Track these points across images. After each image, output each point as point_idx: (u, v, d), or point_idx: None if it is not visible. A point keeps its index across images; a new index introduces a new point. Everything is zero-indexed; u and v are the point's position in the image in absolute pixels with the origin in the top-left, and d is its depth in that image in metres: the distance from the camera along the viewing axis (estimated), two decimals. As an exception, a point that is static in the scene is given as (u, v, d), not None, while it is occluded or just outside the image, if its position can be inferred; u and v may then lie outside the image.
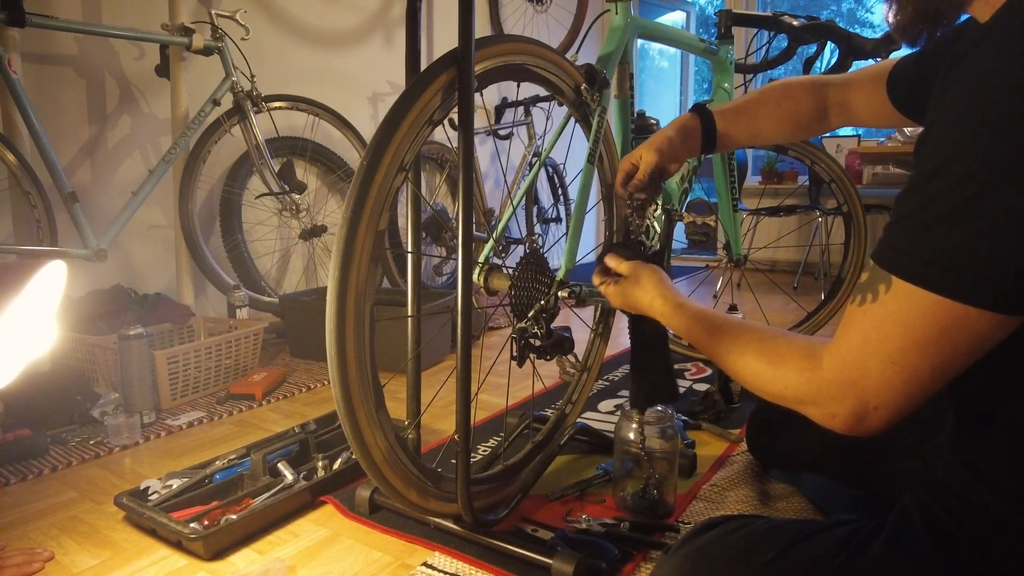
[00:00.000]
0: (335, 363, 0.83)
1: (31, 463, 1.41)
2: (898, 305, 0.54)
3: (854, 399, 0.57)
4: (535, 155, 3.30)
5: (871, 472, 1.01)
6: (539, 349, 1.04)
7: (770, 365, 0.66)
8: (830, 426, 0.60)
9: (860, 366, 0.56)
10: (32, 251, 1.79)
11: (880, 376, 0.55)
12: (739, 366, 0.71)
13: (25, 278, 0.87)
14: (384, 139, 0.84)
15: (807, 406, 0.62)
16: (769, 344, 0.68)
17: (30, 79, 1.93)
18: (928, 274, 0.52)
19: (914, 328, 0.53)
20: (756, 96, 1.03)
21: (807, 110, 1.00)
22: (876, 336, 0.55)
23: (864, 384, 0.56)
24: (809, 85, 1.00)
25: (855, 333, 0.57)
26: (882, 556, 0.64)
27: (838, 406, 0.58)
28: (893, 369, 0.54)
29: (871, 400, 0.56)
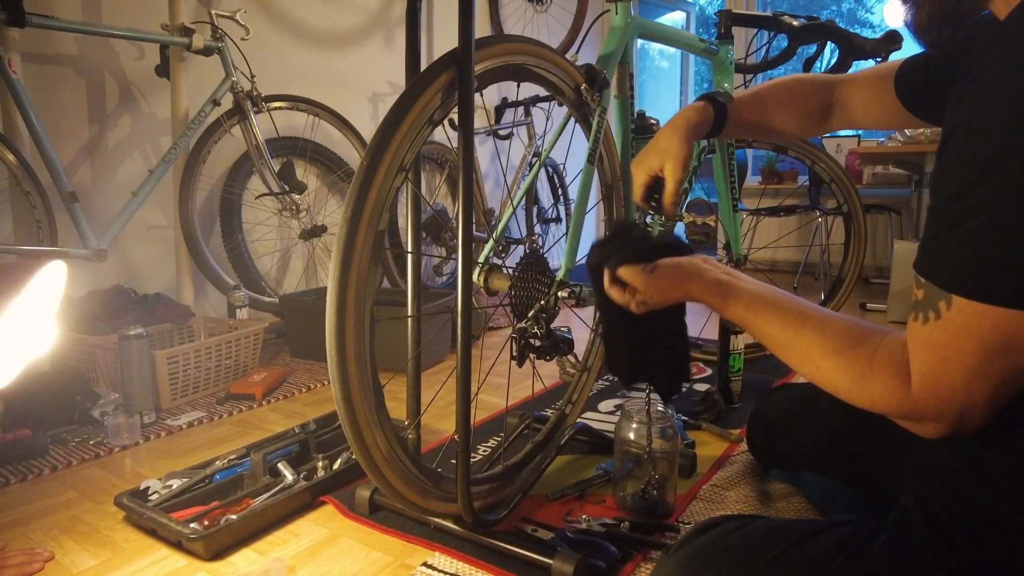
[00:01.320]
0: (335, 363, 0.83)
1: (31, 463, 1.41)
2: (967, 321, 0.54)
3: (950, 414, 0.57)
4: (535, 155, 3.30)
5: (871, 472, 1.01)
6: (539, 349, 1.04)
7: (855, 377, 0.63)
8: (927, 436, 0.61)
9: (947, 384, 0.56)
10: (32, 251, 1.79)
11: (967, 389, 0.56)
12: (816, 374, 0.67)
13: (25, 278, 0.87)
14: (384, 139, 0.84)
15: (901, 421, 0.62)
16: (851, 350, 0.64)
17: (30, 79, 1.93)
18: (986, 289, 0.52)
19: (988, 340, 0.53)
20: (765, 91, 1.02)
21: (814, 107, 1.00)
22: (954, 353, 0.55)
23: (954, 399, 0.56)
24: (818, 82, 0.99)
25: (931, 352, 0.57)
26: (882, 556, 0.64)
27: (935, 424, 0.59)
28: (978, 380, 0.55)
29: (965, 413, 0.57)
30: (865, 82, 0.95)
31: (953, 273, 0.55)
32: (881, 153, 3.18)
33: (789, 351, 0.70)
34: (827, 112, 1.00)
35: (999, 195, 0.51)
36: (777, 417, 1.21)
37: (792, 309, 0.71)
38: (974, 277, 0.53)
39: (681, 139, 0.95)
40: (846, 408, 0.95)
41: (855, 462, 1.04)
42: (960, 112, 0.54)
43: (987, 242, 0.52)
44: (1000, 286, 0.52)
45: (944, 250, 0.55)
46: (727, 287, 0.77)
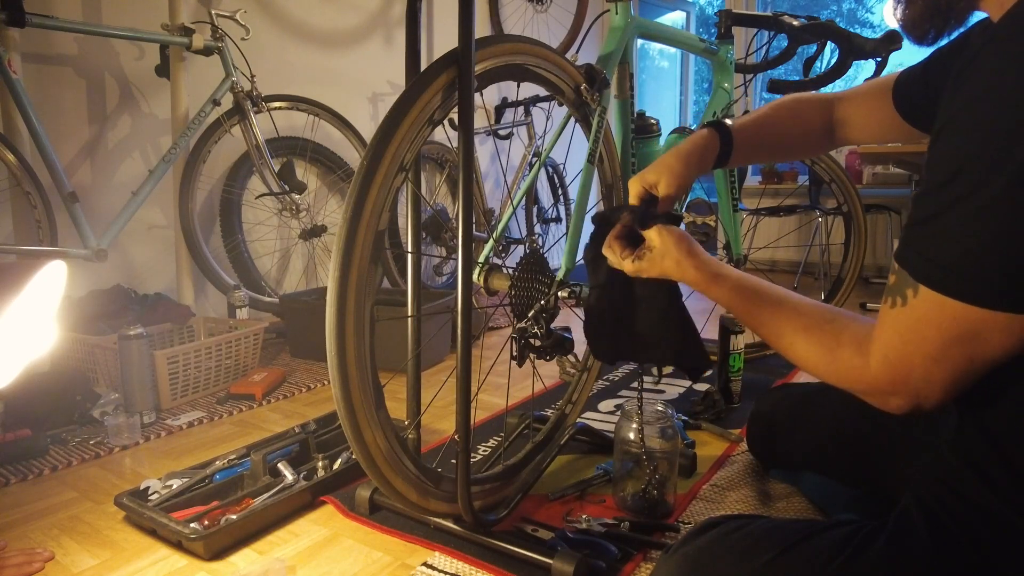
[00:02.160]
0: (335, 363, 0.83)
1: (31, 463, 1.41)
2: (928, 309, 0.56)
3: (905, 394, 0.60)
4: (535, 155, 3.30)
5: (871, 472, 1.01)
6: (539, 349, 1.04)
7: (823, 352, 0.67)
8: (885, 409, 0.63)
9: (905, 365, 0.59)
10: (32, 251, 1.79)
11: (925, 372, 0.58)
12: (790, 349, 0.72)
13: (25, 278, 0.87)
14: (384, 139, 0.84)
15: (862, 395, 0.65)
16: (820, 328, 0.69)
17: (30, 79, 1.93)
18: (949, 281, 0.54)
19: (947, 330, 0.55)
20: (769, 113, 1.01)
21: (815, 127, 0.99)
22: (914, 338, 0.58)
23: (911, 379, 0.59)
24: (818, 103, 0.99)
25: (893, 334, 0.60)
26: (883, 556, 0.64)
27: (892, 398, 0.62)
28: (936, 366, 0.57)
29: (921, 392, 0.59)
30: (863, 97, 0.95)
31: (922, 264, 0.56)
32: (881, 153, 3.18)
33: (766, 328, 0.74)
34: (829, 131, 1.00)
35: (972, 194, 0.52)
36: (777, 417, 1.21)
37: (773, 292, 0.76)
38: (941, 269, 0.55)
39: (683, 159, 0.95)
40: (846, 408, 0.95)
41: (855, 462, 1.04)
42: (950, 109, 0.55)
43: (957, 238, 0.53)
44: (963, 282, 0.53)
45: (918, 240, 0.57)
46: (717, 267, 0.82)
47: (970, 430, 0.65)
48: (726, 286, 0.80)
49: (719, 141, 0.98)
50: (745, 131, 1.00)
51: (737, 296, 0.79)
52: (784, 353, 0.73)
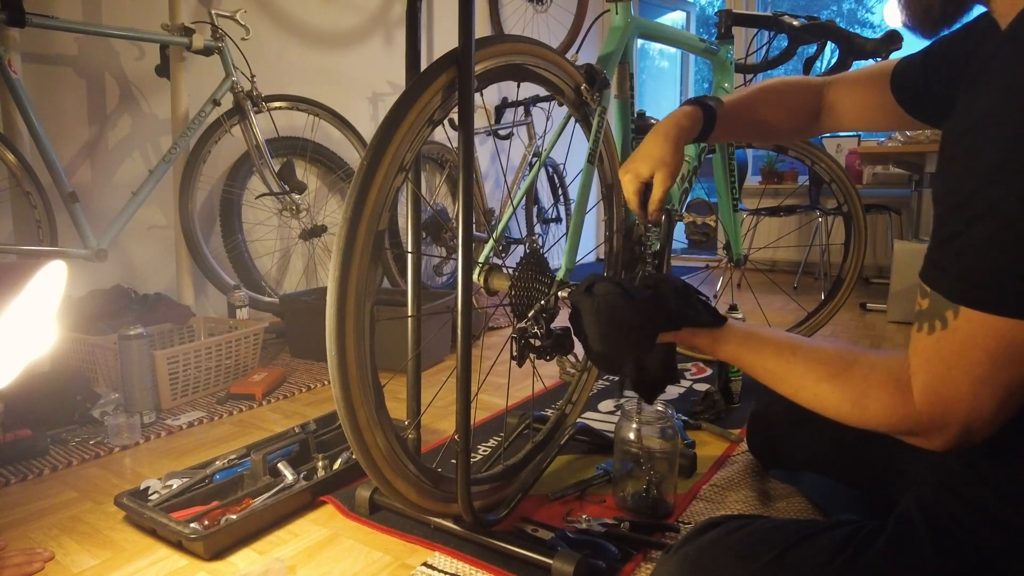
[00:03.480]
0: (335, 363, 0.83)
1: (31, 463, 1.41)
2: (973, 331, 0.53)
3: (955, 425, 0.56)
4: (535, 155, 3.30)
5: (872, 472, 1.01)
6: (539, 349, 1.04)
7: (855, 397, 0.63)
8: (933, 448, 0.59)
9: (952, 394, 0.56)
10: (32, 251, 1.79)
11: (974, 399, 0.55)
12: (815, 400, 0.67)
13: (25, 278, 0.87)
14: (384, 139, 0.84)
15: (906, 436, 0.61)
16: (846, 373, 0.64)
17: (30, 79, 1.93)
18: (993, 299, 0.52)
19: (995, 350, 0.53)
20: (754, 94, 1.02)
21: (802, 109, 0.99)
22: (961, 363, 0.54)
23: (959, 409, 0.55)
24: (806, 86, 0.99)
25: (937, 362, 0.56)
26: (883, 556, 0.64)
27: (940, 435, 0.58)
28: (984, 389, 0.54)
29: (972, 423, 0.56)
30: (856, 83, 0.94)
31: (958, 283, 0.54)
32: (881, 153, 3.18)
33: (785, 383, 0.70)
34: (816, 114, 0.99)
35: (1004, 204, 0.50)
36: (777, 417, 1.21)
37: (783, 341, 0.72)
38: (979, 287, 0.52)
39: (672, 147, 0.94)
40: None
41: (855, 462, 1.04)
42: (966, 118, 0.54)
43: (992, 252, 0.51)
44: (1005, 297, 0.51)
45: (949, 259, 0.54)
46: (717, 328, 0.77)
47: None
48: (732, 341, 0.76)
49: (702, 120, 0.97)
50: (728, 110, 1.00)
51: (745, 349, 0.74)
52: (810, 405, 0.68)
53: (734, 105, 1.01)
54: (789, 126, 1.03)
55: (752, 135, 1.05)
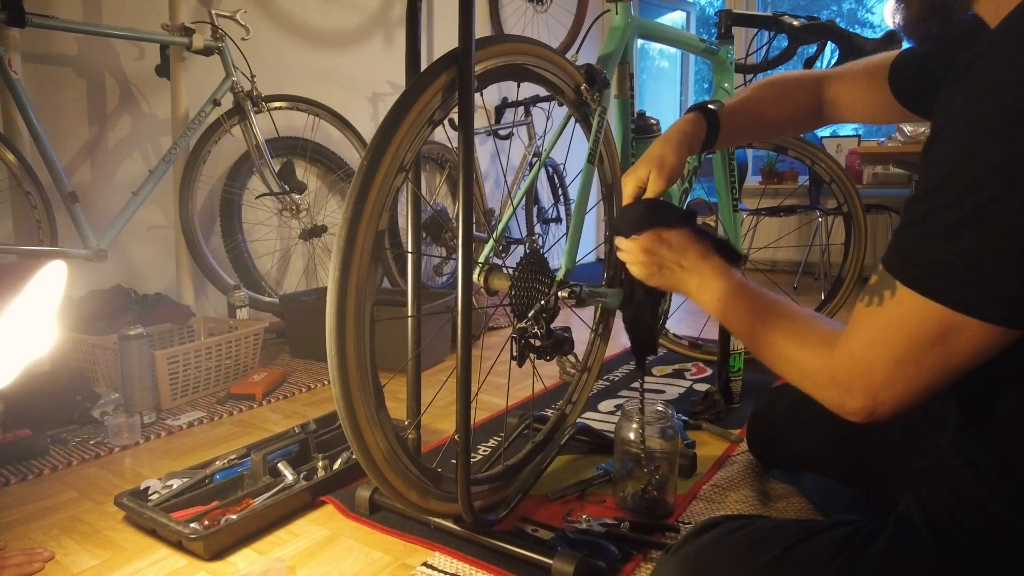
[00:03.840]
0: (335, 363, 0.83)
1: (31, 463, 1.41)
2: (901, 310, 0.56)
3: (862, 393, 0.59)
4: (535, 155, 3.30)
5: (872, 472, 1.01)
6: (539, 349, 1.04)
7: (795, 345, 0.68)
8: (840, 413, 0.62)
9: (868, 364, 0.58)
10: (32, 251, 1.79)
11: (886, 375, 0.57)
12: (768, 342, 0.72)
13: (25, 278, 0.87)
14: (384, 139, 0.84)
15: (820, 391, 0.64)
16: (798, 323, 0.69)
17: (30, 79, 1.93)
18: (930, 283, 0.54)
19: (917, 333, 0.55)
20: (756, 93, 1.02)
21: (804, 106, 0.99)
22: (882, 338, 0.57)
23: (871, 379, 0.58)
24: (807, 82, 0.99)
25: (863, 333, 0.59)
26: (883, 557, 0.64)
27: (848, 397, 0.61)
28: (899, 369, 0.56)
29: (879, 395, 0.58)
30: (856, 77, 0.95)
31: (903, 264, 0.56)
32: (881, 153, 3.18)
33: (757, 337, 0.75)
34: (817, 109, 0.99)
35: (959, 200, 0.52)
36: (777, 417, 1.21)
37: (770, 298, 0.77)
38: (922, 270, 0.54)
39: (672, 149, 0.95)
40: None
41: (855, 462, 1.04)
42: (945, 115, 0.55)
43: (942, 243, 0.53)
44: (942, 284, 0.53)
45: (903, 243, 0.57)
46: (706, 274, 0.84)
47: (971, 430, 0.65)
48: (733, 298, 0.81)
49: (706, 125, 0.98)
50: (731, 114, 1.00)
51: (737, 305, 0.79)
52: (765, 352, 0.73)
53: (736, 108, 1.01)
54: (791, 123, 1.03)
55: (756, 136, 1.06)
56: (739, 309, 0.79)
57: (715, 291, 0.83)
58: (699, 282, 0.85)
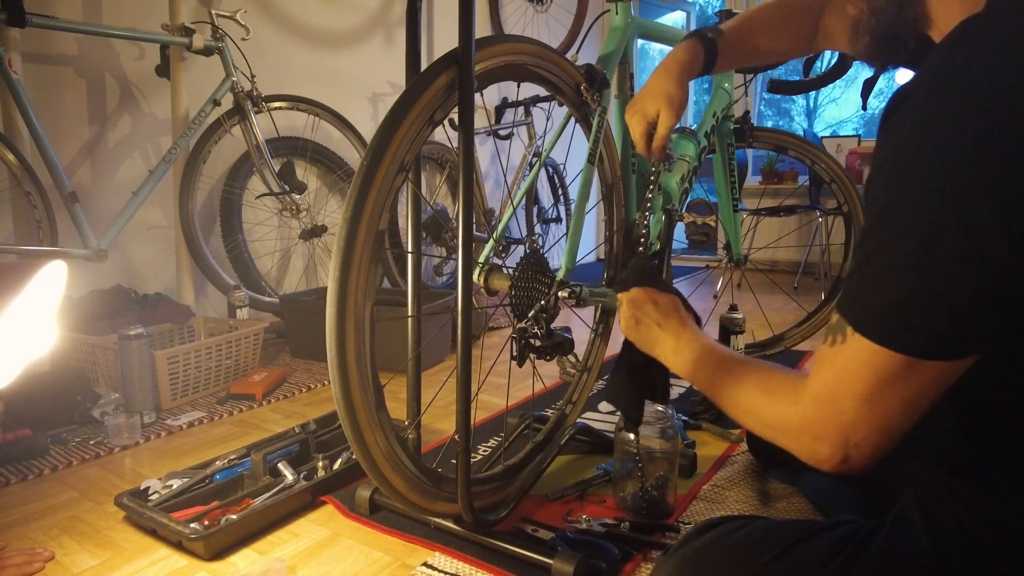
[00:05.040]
0: (335, 363, 0.83)
1: (31, 463, 1.41)
2: (860, 350, 0.56)
3: (834, 437, 0.59)
4: (535, 155, 3.30)
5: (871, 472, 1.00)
6: (539, 349, 1.04)
7: (762, 395, 0.67)
8: (814, 462, 0.62)
9: (835, 404, 0.58)
10: (32, 251, 1.79)
11: (855, 413, 0.57)
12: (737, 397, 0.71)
13: (25, 278, 0.87)
14: (384, 139, 0.84)
15: (791, 441, 0.64)
16: (765, 375, 0.69)
17: (30, 79, 1.93)
18: (875, 330, 0.55)
19: (877, 372, 0.55)
20: (755, 14, 1.01)
21: (803, 34, 0.98)
22: (846, 376, 0.57)
23: (842, 421, 0.58)
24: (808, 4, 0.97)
25: (828, 372, 0.59)
26: (881, 556, 0.64)
27: (820, 444, 0.60)
28: (866, 407, 0.56)
29: (851, 437, 0.58)
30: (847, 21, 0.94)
31: (853, 309, 0.57)
32: (881, 153, 3.17)
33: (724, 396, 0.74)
34: (813, 36, 0.99)
35: (890, 247, 0.53)
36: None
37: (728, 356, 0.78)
38: (870, 317, 0.55)
39: (675, 81, 0.95)
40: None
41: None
42: (879, 154, 0.56)
43: (883, 288, 0.54)
44: (880, 327, 0.54)
45: (850, 284, 0.58)
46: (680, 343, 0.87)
47: (968, 429, 0.65)
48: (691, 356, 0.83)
49: (704, 54, 0.98)
50: (730, 39, 1.00)
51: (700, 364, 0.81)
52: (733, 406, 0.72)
53: (734, 31, 1.01)
54: (787, 50, 1.03)
55: (752, 59, 1.06)
56: (708, 368, 0.80)
57: (689, 353, 0.84)
58: (675, 344, 0.87)
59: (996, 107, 0.49)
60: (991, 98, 0.50)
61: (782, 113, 11.70)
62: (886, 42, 0.63)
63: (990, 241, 0.49)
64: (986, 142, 0.49)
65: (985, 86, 0.50)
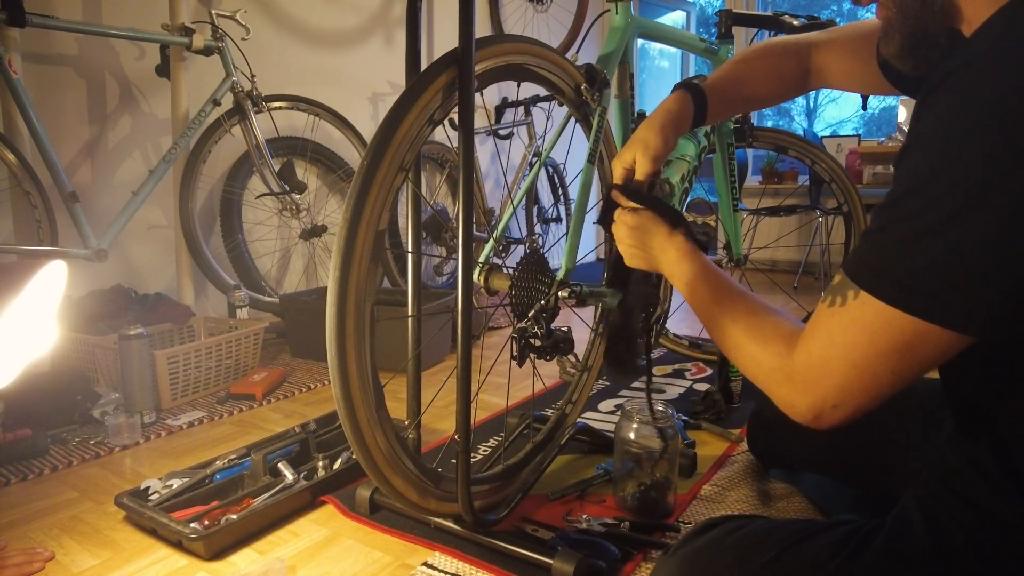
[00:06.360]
0: (335, 363, 0.83)
1: (31, 463, 1.41)
2: (863, 315, 0.56)
3: (814, 396, 0.60)
4: (535, 155, 3.30)
5: (871, 472, 1.01)
6: (539, 349, 1.04)
7: (753, 341, 0.68)
8: (788, 411, 0.63)
9: (825, 366, 0.59)
10: (32, 251, 1.79)
11: (843, 378, 0.58)
12: (727, 333, 0.72)
13: (25, 278, 0.87)
14: (384, 139, 0.84)
15: (772, 389, 0.65)
16: (759, 319, 0.70)
17: (30, 79, 1.93)
18: (893, 292, 0.54)
19: (877, 338, 0.55)
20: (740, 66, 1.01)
21: (792, 77, 0.99)
22: (841, 340, 0.58)
23: (826, 383, 0.59)
24: (793, 51, 0.98)
25: (823, 334, 0.60)
26: (880, 556, 0.64)
27: (799, 397, 0.61)
28: (855, 373, 0.57)
29: (830, 399, 0.59)
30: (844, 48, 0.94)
31: (866, 271, 0.57)
32: (881, 153, 3.18)
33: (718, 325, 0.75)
34: (804, 77, 0.99)
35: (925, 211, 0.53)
36: (777, 417, 1.21)
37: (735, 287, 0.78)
38: (889, 280, 0.55)
39: (654, 129, 0.95)
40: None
41: (855, 462, 1.04)
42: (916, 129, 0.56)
43: (902, 250, 0.54)
44: (907, 293, 0.54)
45: (866, 249, 0.58)
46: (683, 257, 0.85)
47: (970, 429, 0.65)
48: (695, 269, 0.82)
49: (692, 104, 0.98)
50: (718, 89, 1.00)
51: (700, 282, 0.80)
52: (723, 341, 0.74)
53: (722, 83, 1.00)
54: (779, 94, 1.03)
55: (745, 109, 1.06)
56: (705, 290, 0.79)
57: (690, 267, 0.83)
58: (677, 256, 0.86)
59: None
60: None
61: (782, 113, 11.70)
62: (917, 39, 0.63)
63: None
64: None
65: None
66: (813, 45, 0.97)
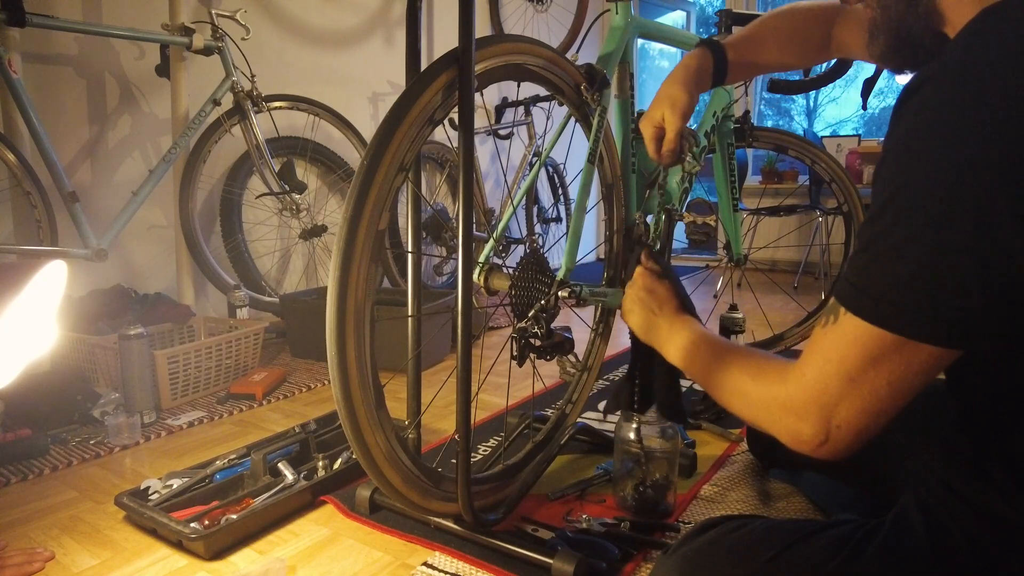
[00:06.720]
0: (335, 363, 0.83)
1: (31, 463, 1.41)
2: (852, 329, 0.56)
3: (817, 416, 0.59)
4: (535, 155, 3.30)
5: (871, 472, 1.00)
6: (539, 349, 1.04)
7: (749, 379, 0.68)
8: (795, 444, 0.62)
9: (822, 383, 0.58)
10: (32, 251, 1.79)
11: (840, 392, 0.57)
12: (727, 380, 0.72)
13: (25, 278, 0.87)
14: (384, 139, 0.84)
15: (775, 421, 0.64)
16: (756, 359, 0.70)
17: (30, 79, 1.93)
18: (868, 308, 0.55)
19: (865, 348, 0.55)
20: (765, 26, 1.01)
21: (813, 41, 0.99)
22: (835, 355, 0.58)
23: (826, 401, 0.58)
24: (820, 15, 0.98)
25: (817, 353, 0.60)
26: (880, 556, 0.64)
27: (801, 423, 0.60)
28: (852, 387, 0.57)
29: (833, 417, 0.58)
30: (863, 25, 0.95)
31: (849, 291, 0.57)
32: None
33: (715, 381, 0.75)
34: (825, 46, 0.99)
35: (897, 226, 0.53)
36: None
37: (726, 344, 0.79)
38: (866, 296, 0.55)
39: (680, 85, 0.96)
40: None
41: (855, 462, 1.03)
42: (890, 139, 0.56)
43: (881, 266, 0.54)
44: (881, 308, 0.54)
45: (850, 268, 0.58)
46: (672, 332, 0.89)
47: (969, 427, 0.65)
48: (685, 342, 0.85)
49: (712, 61, 0.98)
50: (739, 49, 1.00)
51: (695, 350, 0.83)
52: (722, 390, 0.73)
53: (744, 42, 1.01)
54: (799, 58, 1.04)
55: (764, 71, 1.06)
56: (700, 355, 0.81)
57: (681, 339, 0.86)
58: (668, 331, 0.89)
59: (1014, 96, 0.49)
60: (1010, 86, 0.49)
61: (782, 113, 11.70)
62: (901, 41, 0.63)
63: (1002, 230, 0.48)
64: (1003, 131, 0.49)
65: (1005, 74, 0.50)
66: (839, 14, 0.97)
